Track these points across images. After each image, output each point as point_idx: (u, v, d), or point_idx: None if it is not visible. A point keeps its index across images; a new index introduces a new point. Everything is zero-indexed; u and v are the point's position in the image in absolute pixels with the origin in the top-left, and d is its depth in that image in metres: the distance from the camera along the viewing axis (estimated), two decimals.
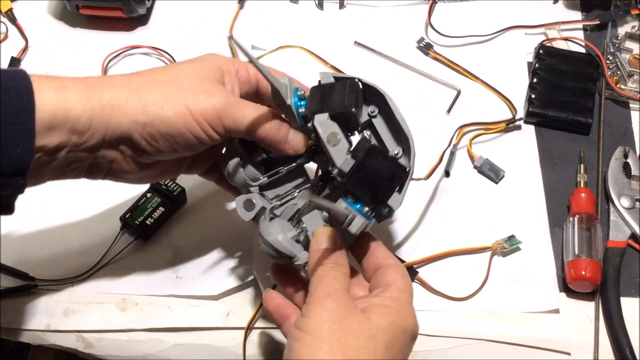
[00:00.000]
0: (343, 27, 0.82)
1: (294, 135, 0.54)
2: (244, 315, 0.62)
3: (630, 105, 0.76)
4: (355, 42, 0.80)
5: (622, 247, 0.65)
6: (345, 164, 0.50)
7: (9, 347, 0.92)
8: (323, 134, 0.51)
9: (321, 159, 0.57)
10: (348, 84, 0.52)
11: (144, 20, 0.83)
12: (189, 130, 0.49)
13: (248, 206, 0.55)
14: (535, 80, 0.75)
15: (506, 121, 0.73)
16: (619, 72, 0.77)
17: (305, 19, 0.83)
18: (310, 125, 0.52)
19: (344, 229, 0.50)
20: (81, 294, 0.63)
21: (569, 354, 0.61)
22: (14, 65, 0.78)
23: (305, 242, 0.52)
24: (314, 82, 0.55)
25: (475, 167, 0.71)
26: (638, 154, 0.71)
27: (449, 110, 0.75)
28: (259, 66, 0.49)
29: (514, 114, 0.73)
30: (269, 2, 0.84)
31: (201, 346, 0.62)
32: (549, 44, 0.78)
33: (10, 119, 0.43)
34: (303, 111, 0.53)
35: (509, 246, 0.65)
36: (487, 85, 0.76)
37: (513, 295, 0.63)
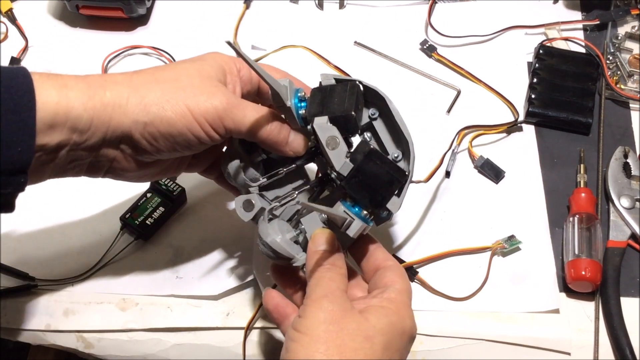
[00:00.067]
0: (343, 27, 0.82)
1: (295, 136, 0.54)
2: (244, 315, 0.62)
3: (630, 105, 0.76)
4: (355, 42, 0.80)
5: (622, 247, 0.65)
6: (344, 167, 0.50)
7: (9, 347, 0.92)
8: (322, 138, 0.50)
9: (321, 161, 0.57)
10: (349, 86, 0.52)
11: (144, 20, 0.83)
12: (190, 130, 0.49)
13: (247, 207, 0.55)
14: (535, 80, 0.75)
15: (508, 124, 0.72)
16: (619, 72, 0.77)
17: (305, 19, 0.83)
18: (310, 127, 0.52)
19: (342, 231, 0.50)
20: (81, 294, 0.63)
21: (569, 354, 0.61)
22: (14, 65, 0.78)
23: (304, 244, 0.52)
24: (316, 83, 0.54)
25: (476, 167, 0.71)
26: (638, 154, 0.71)
27: (449, 110, 0.75)
28: (256, 69, 0.49)
29: (516, 117, 0.73)
30: (269, 2, 0.84)
31: (201, 346, 0.62)
32: (549, 44, 0.78)
33: (11, 117, 0.43)
34: (303, 113, 0.52)
35: (509, 246, 0.65)
36: (487, 87, 0.76)
37: (513, 295, 0.63)
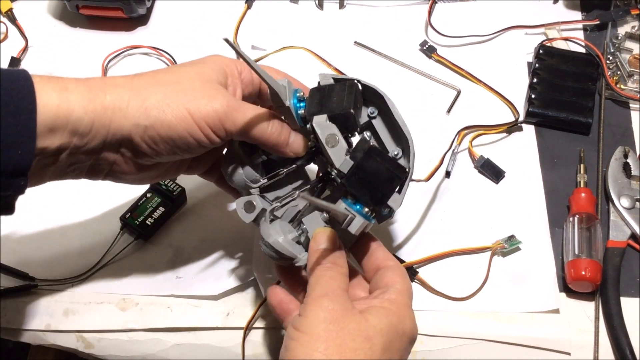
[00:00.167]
0: (343, 27, 0.82)
1: (295, 137, 0.54)
2: (244, 315, 0.62)
3: (630, 105, 0.76)
4: (355, 42, 0.80)
5: (622, 247, 0.65)
6: (344, 164, 0.50)
7: (9, 347, 0.92)
8: (322, 135, 0.51)
9: (321, 160, 0.57)
10: (347, 85, 0.52)
11: (144, 20, 0.83)
12: (190, 133, 0.49)
13: (248, 208, 0.55)
14: (535, 80, 0.75)
15: (508, 124, 0.72)
16: (619, 72, 0.77)
17: (305, 19, 0.83)
18: (309, 126, 0.52)
19: (344, 230, 0.50)
20: (81, 294, 0.63)
21: (569, 354, 0.61)
22: (14, 66, 0.78)
23: (306, 243, 0.53)
24: (316, 84, 0.54)
25: (476, 167, 0.71)
26: (638, 154, 0.71)
27: (449, 110, 0.75)
28: (256, 69, 0.49)
29: (516, 117, 0.73)
30: (269, 2, 0.84)
31: (201, 346, 0.62)
32: (549, 44, 0.78)
33: (11, 120, 0.43)
34: (302, 113, 0.52)
35: (509, 246, 0.65)
36: (487, 87, 0.76)
37: (513, 295, 0.63)
